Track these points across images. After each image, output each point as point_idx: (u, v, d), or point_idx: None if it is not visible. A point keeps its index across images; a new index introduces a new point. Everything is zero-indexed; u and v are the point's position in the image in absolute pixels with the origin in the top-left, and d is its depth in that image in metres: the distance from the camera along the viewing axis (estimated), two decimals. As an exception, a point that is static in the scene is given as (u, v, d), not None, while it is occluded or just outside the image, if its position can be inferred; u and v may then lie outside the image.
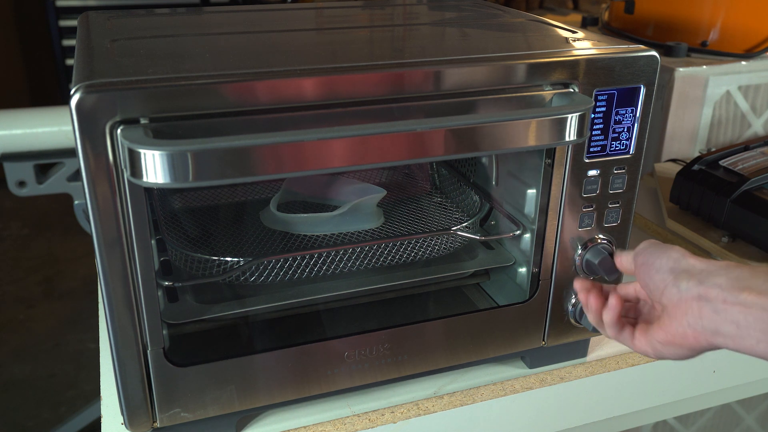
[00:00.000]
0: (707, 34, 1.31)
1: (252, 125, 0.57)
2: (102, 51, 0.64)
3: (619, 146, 0.71)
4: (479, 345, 0.77)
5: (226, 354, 0.67)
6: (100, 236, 0.57)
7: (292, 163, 0.54)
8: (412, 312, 0.83)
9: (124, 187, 0.56)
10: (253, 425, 0.73)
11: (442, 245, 0.82)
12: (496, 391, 0.79)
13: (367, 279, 0.79)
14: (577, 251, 0.74)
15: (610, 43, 0.71)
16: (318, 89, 0.59)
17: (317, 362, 0.70)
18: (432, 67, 0.62)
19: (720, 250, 1.01)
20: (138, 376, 0.64)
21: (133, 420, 0.65)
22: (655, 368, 0.86)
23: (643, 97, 0.70)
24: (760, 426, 1.36)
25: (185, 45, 0.70)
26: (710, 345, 0.53)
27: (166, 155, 0.50)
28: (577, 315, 0.77)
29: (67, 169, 1.29)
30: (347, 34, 0.79)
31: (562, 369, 0.83)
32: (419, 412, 0.75)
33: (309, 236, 0.83)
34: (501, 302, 0.82)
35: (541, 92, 0.66)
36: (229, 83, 0.56)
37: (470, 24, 0.85)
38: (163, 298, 0.72)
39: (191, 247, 0.79)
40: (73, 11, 2.91)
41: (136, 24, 0.80)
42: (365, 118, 0.60)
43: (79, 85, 0.52)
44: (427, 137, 0.58)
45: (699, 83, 1.24)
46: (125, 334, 0.62)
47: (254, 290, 0.76)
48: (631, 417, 0.90)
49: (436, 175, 1.01)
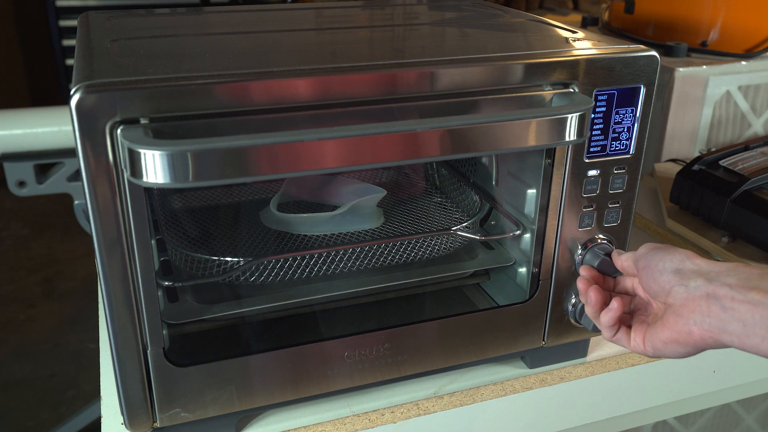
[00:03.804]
0: (707, 34, 1.31)
1: (252, 125, 0.57)
2: (102, 51, 0.64)
3: (619, 146, 0.71)
4: (479, 345, 0.77)
5: (226, 354, 0.67)
6: (100, 236, 0.57)
7: (293, 164, 0.54)
8: (412, 312, 0.83)
9: (124, 187, 0.56)
10: (253, 425, 0.73)
11: (442, 245, 0.82)
12: (496, 391, 0.79)
13: (367, 279, 0.79)
14: (577, 251, 0.74)
15: (610, 43, 0.71)
16: (318, 89, 0.59)
17: (317, 362, 0.70)
18: (432, 68, 0.62)
19: (720, 250, 1.01)
20: (138, 376, 0.64)
21: (133, 420, 0.65)
22: (655, 368, 0.86)
23: (643, 97, 0.70)
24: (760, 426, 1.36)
25: (185, 45, 0.70)
26: (716, 343, 0.53)
27: (166, 155, 0.50)
28: (577, 315, 0.77)
29: (67, 169, 1.29)
30: (347, 34, 0.79)
31: (562, 369, 0.83)
32: (419, 412, 0.75)
33: (309, 236, 0.83)
34: (501, 302, 0.82)
35: (541, 92, 0.66)
36: (229, 83, 0.56)
37: (470, 24, 0.85)
38: (163, 298, 0.72)
39: (191, 247, 0.79)
40: (73, 11, 2.92)
41: (136, 24, 0.80)
42: (365, 118, 0.60)
43: (79, 85, 0.52)
44: (428, 137, 0.58)
45: (699, 83, 1.24)
46: (125, 334, 0.62)
47: (254, 290, 0.76)
48: (631, 417, 0.90)
49: (436, 175, 1.01)
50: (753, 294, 0.51)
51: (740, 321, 0.51)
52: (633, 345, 0.61)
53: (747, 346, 0.51)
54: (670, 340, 0.56)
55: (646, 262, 0.59)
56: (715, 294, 0.53)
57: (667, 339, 0.56)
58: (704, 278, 0.54)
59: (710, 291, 0.53)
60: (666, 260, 0.58)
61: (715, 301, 0.52)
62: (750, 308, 0.50)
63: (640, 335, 0.60)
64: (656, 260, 0.58)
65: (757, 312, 0.50)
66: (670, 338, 0.56)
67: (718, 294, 0.52)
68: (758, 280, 0.52)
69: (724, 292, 0.52)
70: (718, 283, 0.53)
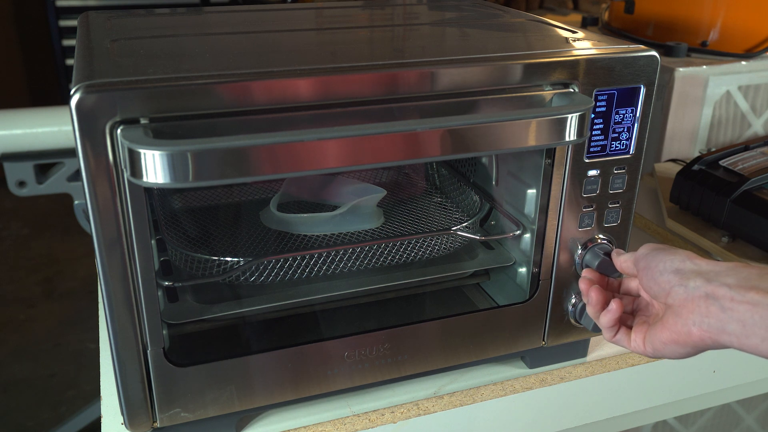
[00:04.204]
0: (707, 34, 1.31)
1: (252, 125, 0.57)
2: (102, 51, 0.64)
3: (619, 146, 0.71)
4: (479, 345, 0.77)
5: (226, 354, 0.67)
6: (100, 236, 0.57)
7: (293, 164, 0.54)
8: (412, 312, 0.83)
9: (124, 187, 0.56)
10: (253, 425, 0.73)
11: (442, 245, 0.82)
12: (496, 391, 0.79)
13: (367, 279, 0.79)
14: (577, 251, 0.74)
15: (610, 43, 0.71)
16: (318, 89, 0.59)
17: (317, 362, 0.70)
18: (432, 67, 0.62)
19: (720, 250, 1.01)
20: (138, 376, 0.64)
21: (133, 420, 0.65)
22: (655, 368, 0.86)
23: (643, 97, 0.70)
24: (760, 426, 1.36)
25: (185, 45, 0.70)
26: (715, 343, 0.53)
27: (166, 155, 0.50)
28: (577, 315, 0.77)
29: (67, 169, 1.29)
30: (347, 34, 0.79)
31: (562, 369, 0.83)
32: (419, 412, 0.75)
33: (309, 236, 0.83)
34: (501, 302, 0.82)
35: (541, 92, 0.66)
36: (229, 83, 0.56)
37: (470, 24, 0.85)
38: (163, 298, 0.72)
39: (191, 247, 0.79)
40: (73, 11, 2.92)
41: (136, 24, 0.80)
42: (365, 118, 0.60)
43: (79, 85, 0.52)
44: (428, 137, 0.58)
45: (699, 83, 1.24)
46: (125, 334, 0.62)
47: (254, 290, 0.76)
48: (631, 417, 0.90)
49: (436, 175, 1.01)
50: (752, 294, 0.50)
51: (739, 321, 0.51)
52: (633, 345, 0.61)
53: (746, 346, 0.51)
54: (669, 340, 0.56)
55: (646, 263, 0.59)
56: (714, 294, 0.53)
57: (666, 340, 0.56)
58: (703, 278, 0.54)
59: (709, 291, 0.53)
60: (666, 261, 0.58)
61: (714, 302, 0.52)
62: (749, 308, 0.50)
63: (640, 336, 0.60)
64: (656, 261, 0.58)
65: (756, 312, 0.50)
66: (669, 339, 0.56)
67: (717, 294, 0.52)
68: (757, 280, 0.51)
69: (723, 293, 0.52)
70: (717, 283, 0.53)
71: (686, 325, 0.54)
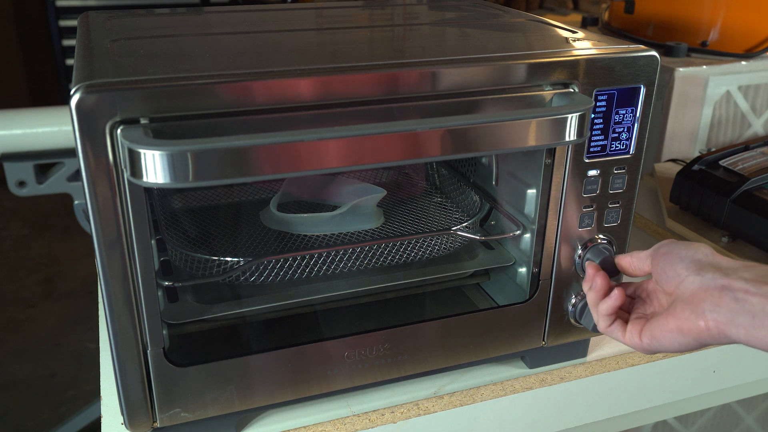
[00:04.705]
0: (707, 34, 1.31)
1: (252, 125, 0.57)
2: (102, 51, 0.64)
3: (619, 146, 0.71)
4: (479, 345, 0.77)
5: (226, 354, 0.67)
6: (100, 236, 0.57)
7: (293, 164, 0.54)
8: (412, 312, 0.83)
9: (124, 187, 0.56)
10: (253, 425, 0.73)
11: (442, 245, 0.82)
12: (496, 391, 0.79)
13: (367, 279, 0.79)
14: (577, 251, 0.74)
15: (610, 43, 0.71)
16: (318, 89, 0.59)
17: (317, 362, 0.70)
18: (432, 68, 0.62)
19: (720, 250, 1.01)
20: (138, 376, 0.64)
21: (133, 420, 0.65)
22: (655, 368, 0.86)
23: (643, 97, 0.70)
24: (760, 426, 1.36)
25: (185, 45, 0.70)
26: (720, 335, 0.54)
27: (166, 155, 0.50)
28: (577, 315, 0.77)
29: (67, 169, 1.29)
30: (347, 34, 0.79)
31: (562, 369, 0.83)
32: (419, 412, 0.75)
33: (309, 236, 0.83)
34: (501, 302, 0.82)
35: (541, 92, 0.66)
36: (229, 83, 0.56)
37: (470, 24, 0.85)
38: (163, 298, 0.72)
39: (191, 247, 0.79)
40: (73, 11, 2.92)
41: (136, 24, 0.80)
42: (365, 118, 0.60)
43: (79, 85, 0.52)
44: (428, 137, 0.58)
45: (699, 83, 1.24)
46: (125, 334, 0.62)
47: (254, 290, 0.76)
48: (631, 417, 0.90)
49: (436, 175, 1.01)
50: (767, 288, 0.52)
51: (750, 313, 0.51)
52: (628, 337, 0.62)
53: (753, 338, 0.52)
54: (674, 328, 0.57)
55: (668, 249, 0.61)
56: (729, 286, 0.54)
57: (672, 327, 0.57)
58: (721, 272, 0.55)
59: (725, 283, 0.54)
60: (689, 249, 0.59)
61: (729, 293, 0.53)
62: (762, 300, 0.51)
63: (636, 328, 0.61)
64: (679, 248, 0.60)
65: None
66: (675, 326, 0.57)
67: (732, 286, 0.53)
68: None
69: (739, 285, 0.53)
70: (734, 277, 0.54)
71: (695, 312, 0.55)
